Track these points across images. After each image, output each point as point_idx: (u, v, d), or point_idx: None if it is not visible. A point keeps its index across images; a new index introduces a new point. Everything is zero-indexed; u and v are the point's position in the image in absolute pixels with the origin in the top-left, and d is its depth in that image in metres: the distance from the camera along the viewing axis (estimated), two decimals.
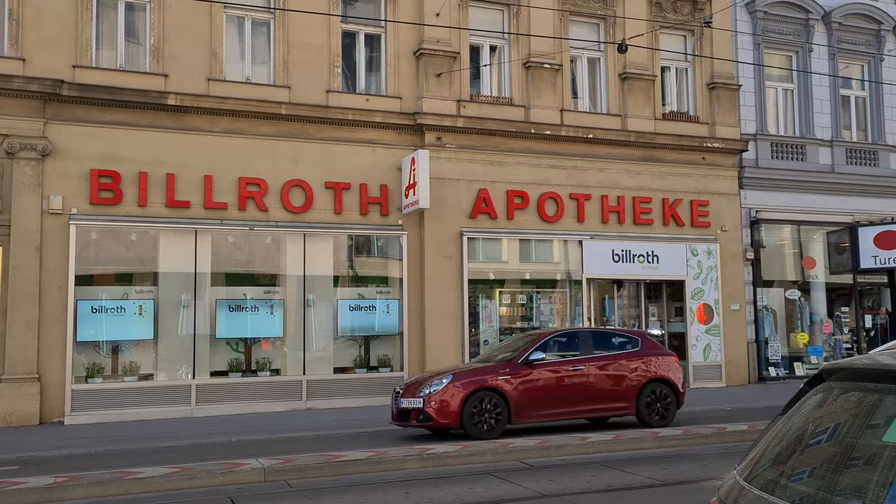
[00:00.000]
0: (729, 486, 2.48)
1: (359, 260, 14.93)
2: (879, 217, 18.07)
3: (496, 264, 15.88)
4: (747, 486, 2.35)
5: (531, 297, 16.17)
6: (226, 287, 13.72)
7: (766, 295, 17.86)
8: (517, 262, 16.09)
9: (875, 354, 2.66)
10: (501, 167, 15.52)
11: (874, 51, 18.84)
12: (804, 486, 2.23)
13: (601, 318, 17.79)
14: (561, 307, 16.27)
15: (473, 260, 15.35)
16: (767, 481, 2.32)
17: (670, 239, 16.69)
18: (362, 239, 14.84)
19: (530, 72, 15.91)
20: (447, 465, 8.70)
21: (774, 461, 2.40)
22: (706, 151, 17.13)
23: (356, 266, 14.88)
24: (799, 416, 2.49)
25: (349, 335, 14.45)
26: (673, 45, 17.35)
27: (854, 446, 2.24)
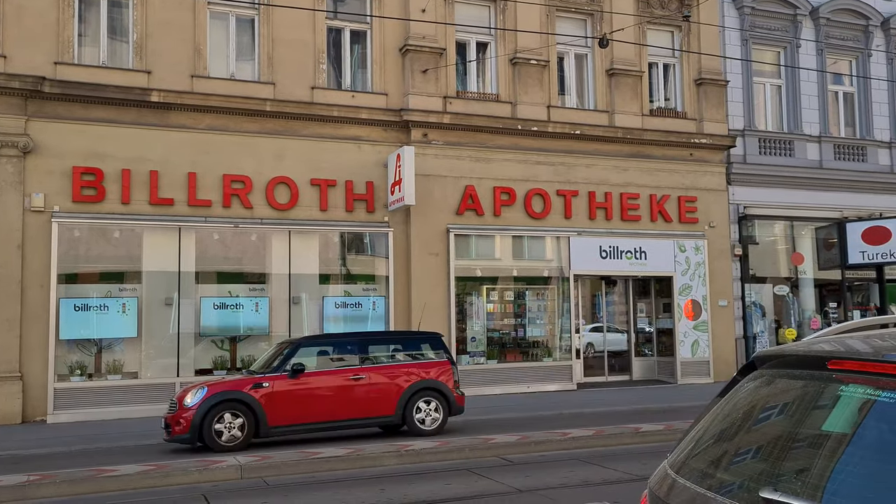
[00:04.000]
0: (660, 476, 2.45)
1: (345, 257, 14.87)
2: (867, 212, 18.08)
3: (483, 261, 15.85)
4: (676, 477, 2.31)
5: (519, 294, 16.14)
6: (210, 285, 13.66)
7: (755, 291, 17.86)
8: (504, 259, 16.06)
9: (811, 340, 2.63)
10: (488, 164, 15.48)
11: (862, 46, 18.83)
12: (730, 475, 2.20)
13: (592, 314, 17.82)
14: (549, 304, 16.25)
15: (460, 257, 15.31)
16: (695, 471, 2.29)
17: (658, 235, 16.67)
18: (348, 236, 14.79)
19: (517, 68, 15.87)
20: (426, 462, 8.67)
21: (703, 451, 2.37)
22: (694, 147, 17.11)
23: (342, 263, 14.83)
24: (729, 404, 2.46)
25: (335, 332, 14.37)
26: (660, 41, 17.32)
27: (783, 435, 2.21)
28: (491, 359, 15.52)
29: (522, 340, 16.02)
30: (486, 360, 15.44)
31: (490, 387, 15.05)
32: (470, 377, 15.04)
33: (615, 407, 12.92)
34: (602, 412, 12.24)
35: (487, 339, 15.66)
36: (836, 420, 2.13)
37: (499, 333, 15.87)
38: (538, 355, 15.97)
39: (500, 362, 15.56)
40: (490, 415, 12.04)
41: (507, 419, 11.66)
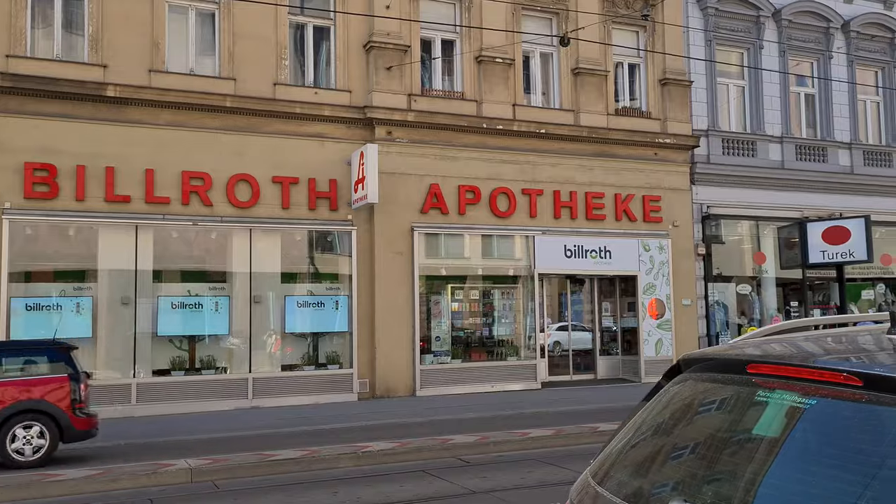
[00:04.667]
0: (581, 487, 2.37)
1: (307, 256, 14.69)
2: (828, 213, 18.30)
3: (448, 260, 15.76)
4: (598, 488, 2.24)
5: (484, 293, 16.09)
6: (169, 284, 13.42)
7: (718, 290, 18.00)
8: (469, 258, 15.99)
9: (738, 342, 2.58)
10: (453, 162, 15.40)
11: (823, 48, 19.05)
12: (651, 485, 2.14)
13: (559, 313, 17.83)
14: (514, 303, 16.22)
15: (425, 256, 15.21)
16: (617, 481, 2.22)
17: (622, 234, 16.72)
18: (311, 235, 14.60)
19: (482, 66, 15.81)
20: (383, 464, 8.57)
21: (626, 459, 2.30)
22: (658, 147, 17.18)
23: (304, 262, 14.65)
24: (653, 410, 2.39)
25: (297, 332, 14.23)
26: (625, 41, 17.37)
27: (703, 441, 2.15)
28: (455, 358, 15.44)
29: (487, 339, 15.97)
30: (451, 360, 15.36)
31: (454, 386, 14.98)
32: (434, 376, 15.00)
33: (578, 406, 12.92)
34: (564, 411, 12.22)
35: (452, 339, 15.58)
36: (756, 425, 2.07)
37: (464, 332, 15.81)
38: (503, 354, 15.93)
39: (465, 361, 15.49)
40: (451, 415, 11.97)
41: (468, 419, 11.59)
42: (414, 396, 14.53)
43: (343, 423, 11.26)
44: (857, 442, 1.83)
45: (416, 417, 11.78)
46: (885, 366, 1.89)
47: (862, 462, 1.78)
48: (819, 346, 2.23)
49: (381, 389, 14.42)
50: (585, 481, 2.34)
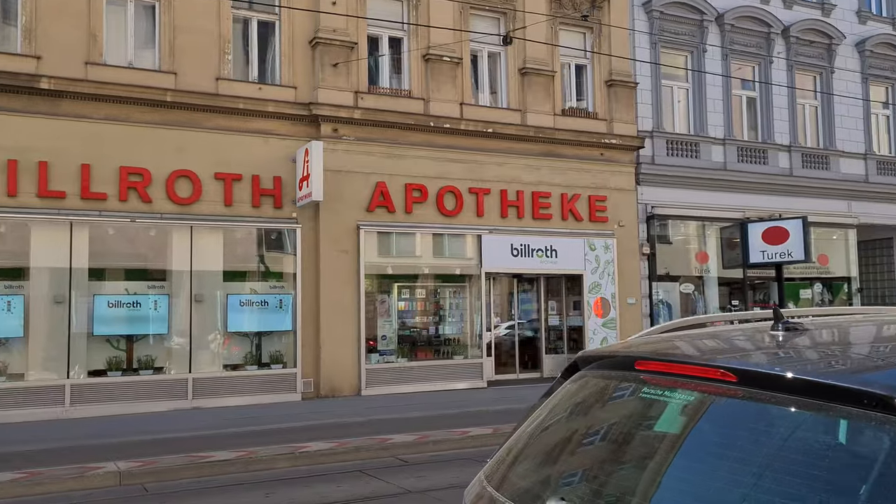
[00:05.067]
0: (475, 491, 2.35)
1: (250, 254, 14.47)
2: (768, 213, 18.72)
3: (394, 259, 15.69)
4: (490, 490, 2.22)
5: (431, 292, 16.07)
6: (105, 282, 13.08)
7: (662, 289, 18.29)
8: (416, 257, 15.95)
9: (634, 338, 2.59)
10: (400, 160, 15.34)
11: (765, 53, 19.50)
12: (544, 486, 2.12)
13: (507, 311, 17.88)
14: (461, 302, 16.23)
15: (371, 254, 15.12)
16: (511, 483, 2.20)
17: (569, 234, 16.86)
18: (255, 232, 14.38)
19: (430, 64, 15.77)
20: (321, 464, 8.48)
21: (520, 460, 2.28)
22: (604, 147, 17.38)
23: (248, 260, 14.43)
24: (548, 409, 2.38)
25: (240, 331, 14.00)
26: (572, 42, 17.51)
27: (592, 440, 2.15)
28: (401, 357, 15.39)
29: (434, 338, 15.95)
30: (397, 359, 15.31)
31: (400, 385, 14.93)
32: (379, 376, 14.93)
33: (520, 404, 12.91)
34: (506, 409, 12.25)
35: (398, 338, 15.53)
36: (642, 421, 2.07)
37: (410, 331, 15.76)
38: (449, 353, 15.93)
39: (411, 360, 15.45)
40: (394, 414, 11.92)
41: (410, 418, 11.54)
42: (359, 396, 14.44)
43: (285, 424, 11.12)
44: (733, 437, 1.84)
45: (358, 417, 11.69)
46: (758, 362, 1.91)
47: (736, 457, 1.79)
48: (705, 342, 2.25)
49: (326, 389, 14.29)
50: (480, 485, 2.31)
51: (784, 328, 2.13)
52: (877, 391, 1.60)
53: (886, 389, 1.59)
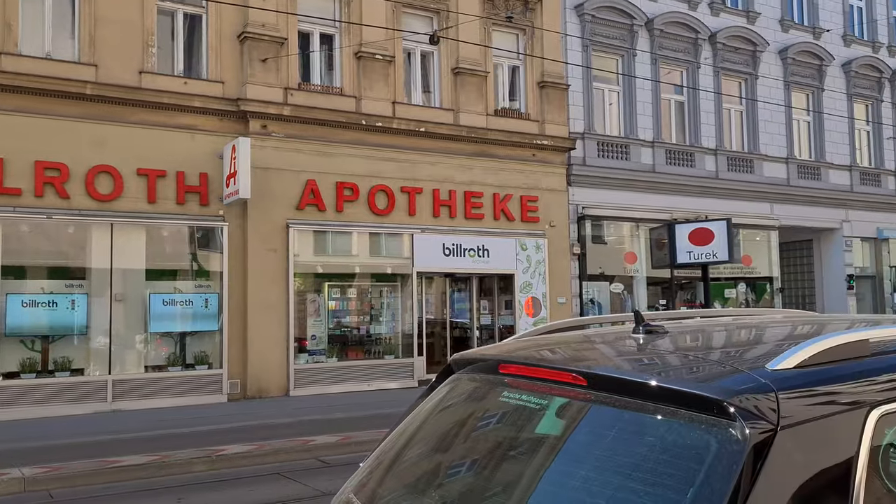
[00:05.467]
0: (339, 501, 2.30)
1: (175, 252, 14.11)
2: (694, 215, 19.19)
3: (325, 257, 15.54)
4: (354, 499, 2.18)
5: (362, 292, 15.96)
6: (19, 280, 12.57)
7: (592, 288, 18.56)
8: (347, 256, 15.83)
9: (510, 340, 2.59)
10: (331, 158, 15.18)
11: (692, 58, 19.98)
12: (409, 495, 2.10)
13: (441, 311, 17.89)
14: (392, 301, 16.17)
15: (300, 253, 14.93)
16: (374, 492, 2.17)
17: (501, 233, 16.97)
18: (179, 230, 14.03)
19: (362, 62, 15.66)
20: (240, 467, 8.32)
21: (389, 467, 2.25)
22: (536, 148, 17.54)
23: (172, 259, 14.06)
24: (419, 414, 2.36)
25: (163, 332, 13.65)
26: (505, 43, 17.62)
27: (463, 443, 2.14)
28: (332, 357, 15.24)
29: (365, 338, 15.85)
30: (327, 359, 15.16)
31: (330, 385, 14.79)
32: (309, 376, 14.76)
33: None
34: None
35: (329, 337, 15.38)
36: (501, 425, 2.07)
37: (341, 331, 15.63)
38: (380, 353, 15.86)
39: (341, 360, 15.32)
40: (321, 415, 11.78)
41: (337, 419, 11.44)
42: (287, 396, 14.24)
43: (207, 426, 10.88)
44: (584, 440, 1.85)
45: (284, 418, 11.53)
46: (607, 366, 1.93)
47: (584, 460, 1.80)
48: (568, 346, 2.26)
49: (253, 390, 14.05)
50: (345, 493, 2.26)
51: (645, 331, 2.16)
52: (709, 395, 1.62)
53: (719, 393, 1.61)
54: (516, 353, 2.19)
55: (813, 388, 1.66)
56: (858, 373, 1.72)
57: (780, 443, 1.53)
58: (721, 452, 1.55)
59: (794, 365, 1.70)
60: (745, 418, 1.55)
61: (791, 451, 1.54)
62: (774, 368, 1.69)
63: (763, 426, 1.54)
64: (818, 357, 1.72)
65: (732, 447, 1.53)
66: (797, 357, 1.71)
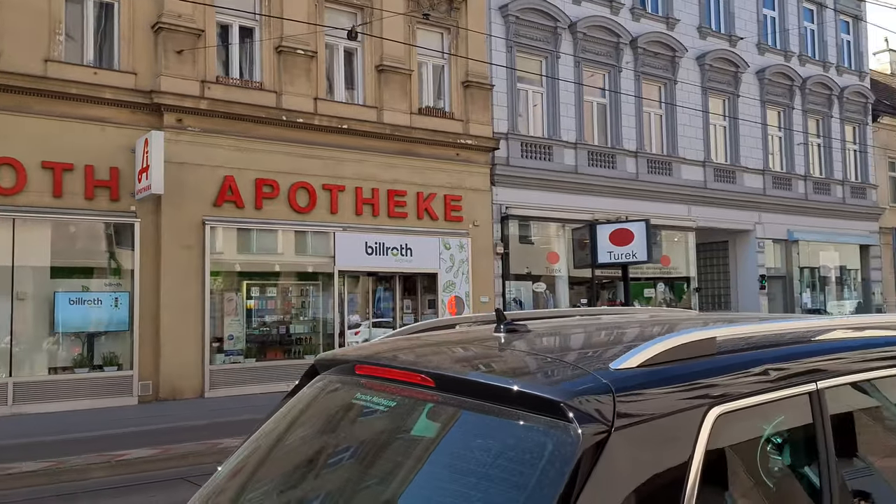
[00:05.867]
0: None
1: (83, 249, 13.54)
2: (615, 216, 19.56)
3: (243, 255, 15.18)
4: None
5: (282, 291, 15.67)
6: None
7: (515, 288, 18.72)
8: (267, 254, 15.51)
9: (377, 340, 2.53)
10: (250, 154, 14.84)
11: (614, 62, 20.35)
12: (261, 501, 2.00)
13: (365, 310, 17.72)
14: (313, 300, 15.93)
15: (218, 251, 14.55)
16: (231, 499, 2.06)
17: (424, 232, 16.92)
18: (88, 226, 13.47)
19: (283, 57, 15.36)
20: (142, 472, 8.02)
21: (243, 473, 2.15)
22: (460, 148, 17.57)
23: (80, 256, 13.49)
24: (279, 417, 2.27)
25: (70, 331, 13.09)
26: (430, 42, 17.58)
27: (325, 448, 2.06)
28: (250, 357, 14.91)
29: (285, 338, 15.56)
30: (245, 359, 14.81)
31: (247, 386, 14.45)
32: (225, 377, 14.40)
33: None
34: None
35: (247, 337, 15.04)
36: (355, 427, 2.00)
37: (260, 331, 15.30)
38: (300, 353, 15.59)
39: (260, 360, 14.99)
40: (235, 416, 11.49)
41: (251, 420, 11.14)
42: (202, 398, 13.86)
43: (113, 430, 10.47)
44: (431, 443, 1.79)
45: (197, 420, 11.21)
46: (454, 367, 1.88)
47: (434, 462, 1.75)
48: (426, 346, 2.21)
49: (166, 391, 13.62)
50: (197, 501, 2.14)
51: (506, 330, 2.12)
52: (547, 396, 1.58)
53: (556, 394, 1.58)
54: (374, 353, 2.12)
55: (653, 388, 1.64)
56: (701, 371, 1.72)
57: (613, 444, 1.50)
58: (554, 455, 1.52)
59: (638, 364, 1.68)
60: (579, 420, 1.52)
61: (625, 452, 1.51)
62: (617, 368, 1.67)
63: (596, 428, 1.51)
64: (663, 356, 1.71)
65: (566, 449, 1.50)
66: (641, 356, 1.69)
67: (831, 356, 1.92)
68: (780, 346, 1.93)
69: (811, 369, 1.85)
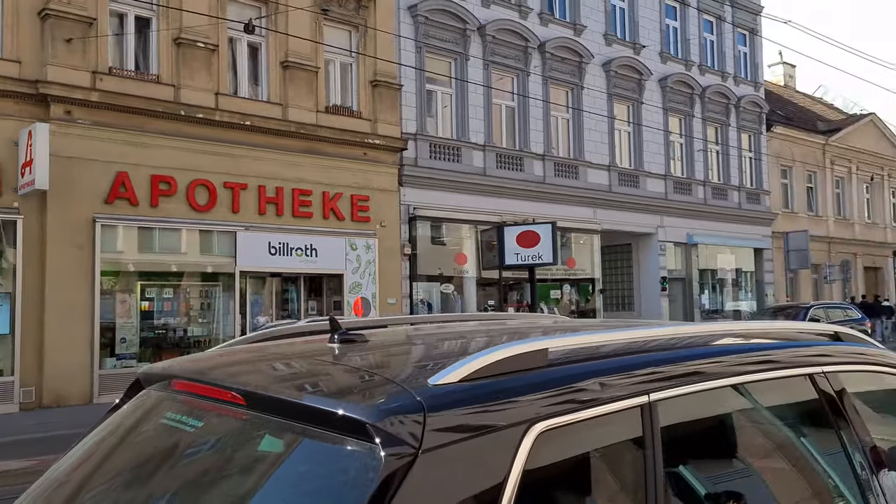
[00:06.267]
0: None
1: None
2: (522, 218, 19.77)
3: (138, 255, 14.54)
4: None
5: (180, 291, 15.10)
6: None
7: (423, 289, 18.66)
8: (163, 253, 14.89)
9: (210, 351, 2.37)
10: (146, 149, 14.23)
11: (522, 66, 20.58)
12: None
13: (269, 311, 17.28)
14: (213, 302, 15.43)
15: (109, 250, 13.88)
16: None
17: (330, 233, 16.65)
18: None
19: (182, 49, 14.80)
20: (7, 486, 7.46)
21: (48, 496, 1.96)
22: (368, 147, 17.37)
23: None
24: (94, 435, 2.08)
25: None
26: (338, 40, 17.31)
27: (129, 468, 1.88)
28: (143, 361, 14.25)
29: (183, 340, 14.99)
30: (138, 363, 14.16)
31: None
32: (117, 382, 13.71)
33: None
34: None
35: (141, 340, 14.41)
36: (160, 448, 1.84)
37: (155, 333, 14.69)
38: None
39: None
40: None
41: None
42: (91, 405, 13.18)
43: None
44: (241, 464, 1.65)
45: (81, 428, 10.58)
46: (267, 384, 1.75)
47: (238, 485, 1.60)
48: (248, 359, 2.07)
49: (50, 398, 12.89)
50: None
51: (340, 340, 2.00)
52: (354, 416, 1.47)
53: (363, 414, 1.47)
54: (195, 368, 1.96)
55: (471, 405, 1.54)
56: (525, 386, 1.63)
57: (419, 468, 1.40)
58: (357, 480, 1.41)
59: (459, 379, 1.58)
60: (383, 442, 1.41)
61: (432, 476, 1.41)
62: (436, 384, 1.57)
63: (402, 450, 1.40)
64: (487, 369, 1.62)
65: (368, 474, 1.39)
66: (462, 371, 1.59)
67: (666, 367, 1.88)
68: (615, 357, 1.87)
69: (643, 381, 1.79)
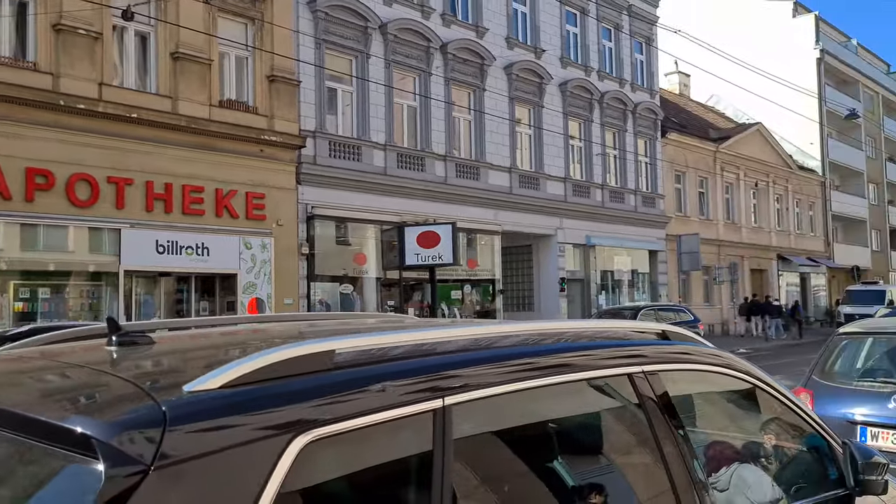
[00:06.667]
0: None
1: None
2: (423, 218, 19.71)
3: (11, 253, 13.66)
4: None
5: (57, 291, 14.28)
6: None
7: (321, 289, 18.33)
8: (41, 251, 14.06)
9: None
10: (19, 140, 13.38)
11: (424, 66, 20.53)
12: None
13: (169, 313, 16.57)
14: (94, 302, 14.67)
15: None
16: None
17: (223, 231, 16.12)
18: None
19: (62, 36, 14.00)
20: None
21: None
22: (264, 144, 16.92)
23: None
24: None
25: None
26: (233, 32, 16.77)
27: None
28: None
29: None
30: None
31: None
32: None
33: None
34: None
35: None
36: None
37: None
38: None
39: None
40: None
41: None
42: None
43: None
44: None
45: None
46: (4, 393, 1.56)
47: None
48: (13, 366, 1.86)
49: None
50: None
51: (118, 343, 1.82)
52: (77, 429, 1.31)
53: (89, 427, 1.30)
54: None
55: (228, 415, 1.40)
56: (299, 391, 1.50)
57: (147, 488, 1.24)
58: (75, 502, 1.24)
59: (220, 385, 1.44)
60: (107, 458, 1.25)
61: (166, 495, 1.26)
62: (192, 391, 1.42)
63: (127, 469, 1.25)
64: (258, 374, 1.48)
65: (83, 497, 1.22)
66: (226, 376, 1.45)
67: (466, 369, 1.79)
68: (408, 359, 1.77)
69: (438, 384, 1.69)
